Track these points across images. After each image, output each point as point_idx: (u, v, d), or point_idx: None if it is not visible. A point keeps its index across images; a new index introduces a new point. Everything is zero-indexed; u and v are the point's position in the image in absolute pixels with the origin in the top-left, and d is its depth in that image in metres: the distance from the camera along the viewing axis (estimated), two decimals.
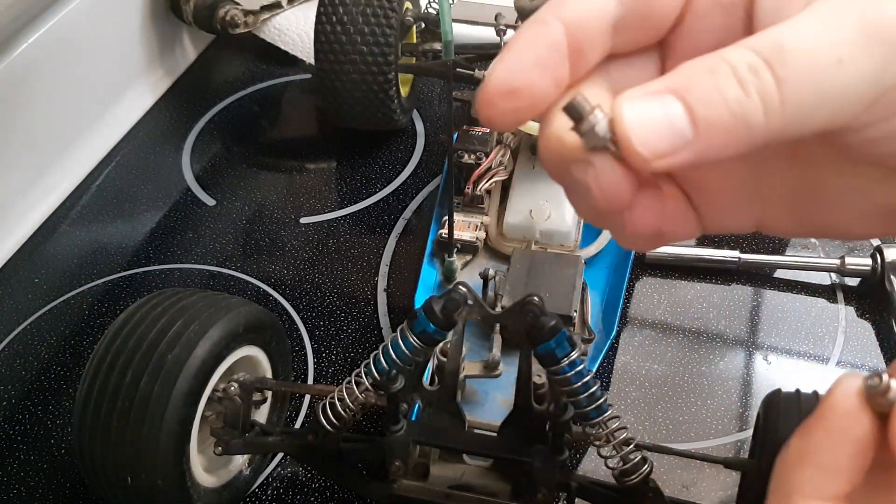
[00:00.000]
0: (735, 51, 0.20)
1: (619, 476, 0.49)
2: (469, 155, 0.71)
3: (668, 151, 0.20)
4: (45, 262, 0.77)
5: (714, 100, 0.20)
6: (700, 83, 0.20)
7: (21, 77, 0.76)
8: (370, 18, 0.78)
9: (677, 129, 0.20)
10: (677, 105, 0.20)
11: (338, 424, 0.50)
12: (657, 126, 0.20)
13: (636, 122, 0.20)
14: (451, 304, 0.48)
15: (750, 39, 0.20)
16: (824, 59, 0.20)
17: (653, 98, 0.20)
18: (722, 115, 0.20)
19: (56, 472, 0.61)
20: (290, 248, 0.78)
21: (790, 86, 0.20)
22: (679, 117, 0.20)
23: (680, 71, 0.21)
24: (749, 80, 0.20)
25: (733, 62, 0.20)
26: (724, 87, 0.20)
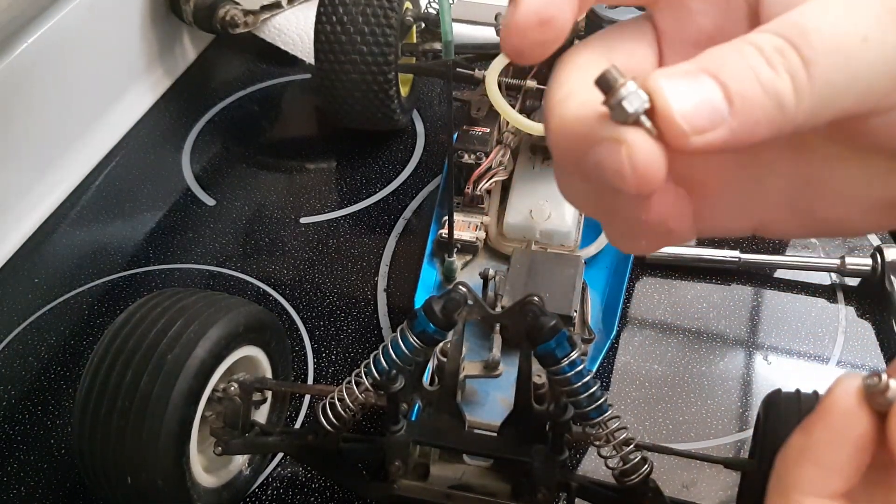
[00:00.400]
0: (758, 35, 0.20)
1: (619, 476, 0.49)
2: (469, 155, 0.71)
3: (707, 127, 0.20)
4: (45, 262, 0.77)
5: (747, 77, 0.20)
6: (732, 62, 0.20)
7: (21, 77, 0.76)
8: (370, 18, 0.78)
9: (714, 105, 0.20)
10: (711, 83, 0.20)
11: (338, 424, 0.50)
12: (695, 101, 0.20)
13: (675, 94, 0.20)
14: (451, 304, 0.48)
15: (770, 25, 0.20)
16: (849, 38, 0.20)
17: (687, 76, 0.20)
18: (756, 92, 0.20)
19: (56, 472, 0.61)
20: (290, 248, 0.78)
21: (818, 66, 0.20)
22: (715, 93, 0.20)
23: (708, 54, 0.20)
24: (777, 61, 0.20)
25: (759, 44, 0.20)
26: (756, 65, 0.20)
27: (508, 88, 0.75)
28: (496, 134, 0.74)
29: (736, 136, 0.20)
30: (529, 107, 0.75)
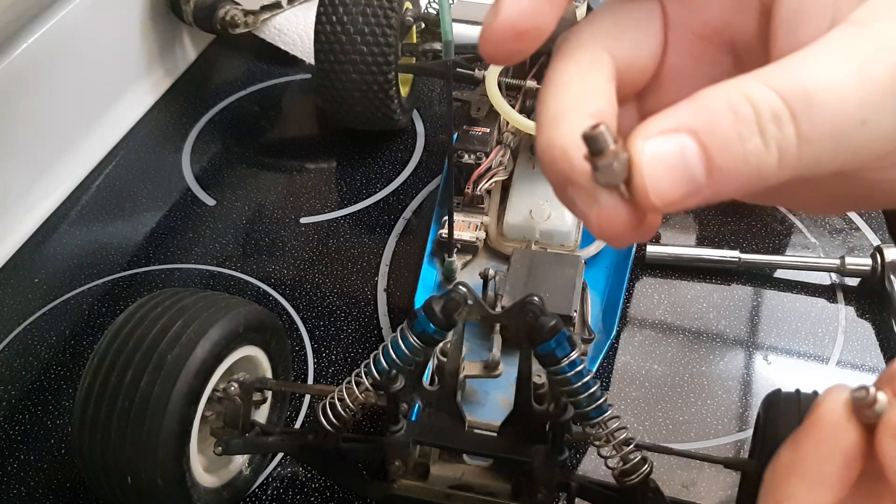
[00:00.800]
0: (761, 91, 0.19)
1: (619, 476, 0.49)
2: (469, 155, 0.71)
3: (679, 199, 0.20)
4: (45, 262, 0.77)
5: (734, 149, 0.19)
6: (722, 126, 0.19)
7: (21, 77, 0.76)
8: (370, 18, 0.78)
9: (692, 175, 0.20)
10: (695, 150, 0.19)
11: (338, 424, 0.50)
12: (673, 173, 0.20)
13: (654, 169, 0.20)
14: (451, 304, 0.48)
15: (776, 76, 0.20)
16: (849, 120, 0.19)
17: (671, 137, 0.20)
18: (738, 165, 0.19)
19: (56, 472, 0.61)
20: (290, 248, 0.78)
21: (810, 144, 0.19)
22: (695, 163, 0.19)
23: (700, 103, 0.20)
24: (771, 133, 0.19)
25: (758, 105, 0.19)
26: (746, 135, 0.19)
27: (508, 88, 0.75)
28: (496, 134, 0.74)
29: (706, 202, 0.20)
30: (529, 107, 0.75)
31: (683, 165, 0.19)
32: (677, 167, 0.19)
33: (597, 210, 0.21)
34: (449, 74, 0.58)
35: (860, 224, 0.78)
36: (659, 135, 0.20)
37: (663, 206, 0.20)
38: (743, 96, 0.19)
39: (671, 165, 0.19)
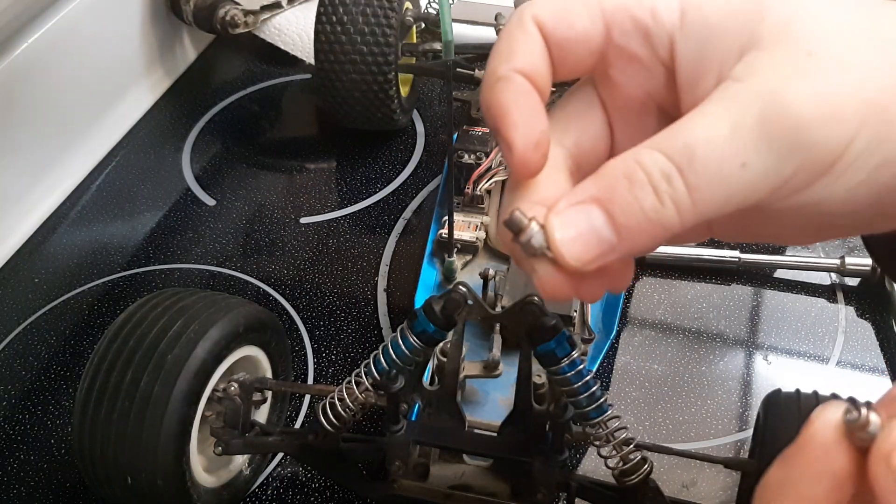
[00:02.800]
0: (649, 155, 0.22)
1: (619, 476, 0.49)
2: (469, 155, 0.71)
3: (595, 258, 0.23)
4: (45, 262, 0.77)
5: (633, 210, 0.22)
6: (620, 194, 0.23)
7: (21, 77, 0.76)
8: (370, 18, 0.78)
9: (602, 237, 0.23)
10: (600, 216, 0.23)
11: (338, 424, 0.50)
12: (585, 237, 0.23)
13: (566, 236, 0.23)
14: (451, 304, 0.48)
15: (663, 140, 0.23)
16: (730, 165, 0.22)
17: (579, 210, 0.23)
18: (640, 222, 0.23)
19: (56, 472, 0.61)
20: (290, 248, 0.78)
21: (700, 191, 0.22)
22: (603, 227, 0.23)
23: (602, 176, 0.23)
24: (663, 189, 0.22)
25: (648, 169, 0.22)
26: (641, 196, 0.22)
27: None
28: None
29: (623, 255, 0.23)
30: None
31: (592, 230, 0.23)
32: (586, 232, 0.23)
33: (535, 276, 0.24)
34: (449, 74, 0.58)
35: None
36: (567, 208, 0.23)
37: (581, 266, 0.23)
38: (635, 163, 0.23)
39: (581, 232, 0.23)
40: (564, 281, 0.24)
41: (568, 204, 0.23)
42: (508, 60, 0.25)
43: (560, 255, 0.23)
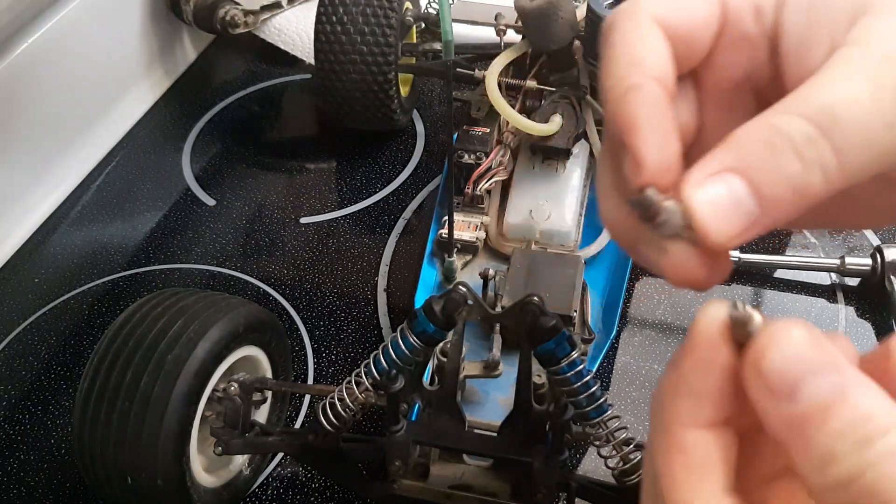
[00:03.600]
0: (789, 120, 0.21)
1: (619, 476, 0.49)
2: (469, 155, 0.71)
3: (740, 232, 0.21)
4: (45, 262, 0.77)
5: (777, 178, 0.21)
6: (762, 161, 0.21)
7: (21, 77, 0.76)
8: (370, 18, 0.78)
9: (746, 209, 0.21)
10: (742, 186, 0.21)
11: (338, 424, 0.50)
12: (728, 211, 0.21)
13: (711, 211, 0.21)
14: (451, 304, 0.48)
15: (796, 104, 0.21)
16: (875, 125, 0.21)
17: (718, 181, 0.21)
18: (785, 191, 0.21)
19: (56, 472, 0.61)
20: (290, 248, 0.78)
21: (846, 154, 0.21)
22: (745, 198, 0.21)
23: (736, 143, 0.21)
24: (808, 154, 0.21)
25: (790, 134, 0.21)
26: (786, 163, 0.21)
27: (508, 88, 0.75)
28: (496, 134, 0.74)
29: (763, 229, 0.22)
30: (529, 107, 0.75)
31: (736, 203, 0.21)
32: (731, 205, 0.21)
33: (667, 260, 0.23)
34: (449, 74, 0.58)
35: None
36: (706, 180, 0.21)
37: (727, 242, 0.21)
38: (773, 128, 0.21)
39: (725, 205, 0.21)
40: (701, 262, 0.23)
41: (706, 175, 0.21)
42: (637, 65, 0.23)
43: (706, 232, 0.21)
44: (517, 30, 0.79)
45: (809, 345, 0.20)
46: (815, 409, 0.19)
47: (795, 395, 0.20)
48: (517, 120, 0.69)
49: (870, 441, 0.19)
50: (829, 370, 0.20)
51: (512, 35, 0.80)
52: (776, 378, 0.20)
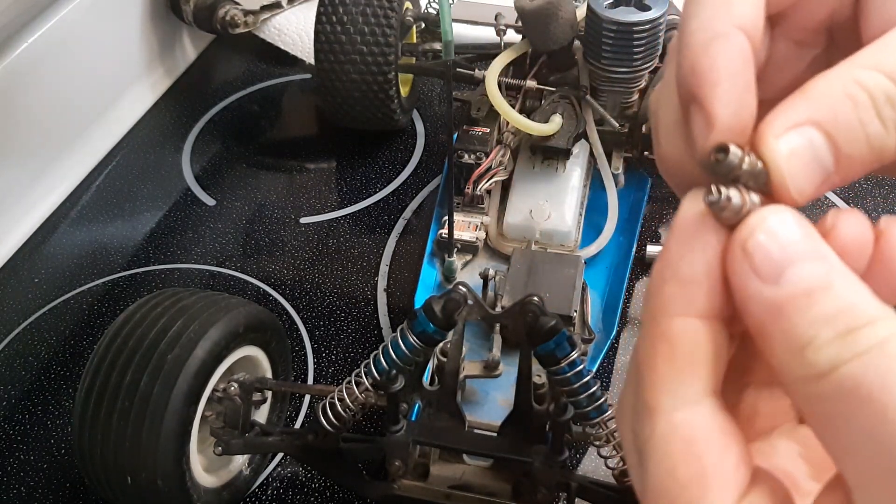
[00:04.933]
0: (871, 76, 0.20)
1: (619, 476, 0.49)
2: (469, 155, 0.71)
3: (816, 190, 0.20)
4: (45, 262, 0.77)
5: (858, 137, 0.20)
6: (844, 115, 0.20)
7: (21, 77, 0.76)
8: (370, 18, 0.78)
9: (823, 166, 0.20)
10: (823, 141, 0.20)
11: (338, 424, 0.50)
12: (808, 166, 0.20)
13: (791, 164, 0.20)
14: (451, 304, 0.48)
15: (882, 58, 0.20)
16: None
17: (799, 133, 0.20)
18: (863, 150, 0.20)
19: (56, 472, 0.61)
20: (290, 248, 0.78)
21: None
22: (824, 154, 0.20)
23: (818, 94, 0.20)
24: (887, 114, 0.20)
25: (872, 91, 0.20)
26: (867, 120, 0.20)
27: (508, 88, 0.75)
28: (496, 134, 0.74)
29: (835, 185, 0.20)
30: (529, 107, 0.75)
31: (815, 158, 0.20)
32: (810, 160, 0.20)
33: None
34: (449, 74, 0.58)
35: None
36: (788, 131, 0.20)
37: (802, 199, 0.20)
38: (856, 83, 0.20)
39: (805, 160, 0.20)
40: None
41: (786, 125, 0.20)
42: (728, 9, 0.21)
43: (785, 186, 0.20)
44: (517, 30, 0.79)
45: (799, 231, 0.20)
46: (799, 294, 0.19)
47: (780, 277, 0.19)
48: (517, 120, 0.69)
49: (853, 331, 0.18)
50: (818, 258, 0.19)
51: (512, 35, 0.80)
52: (762, 258, 0.19)
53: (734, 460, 0.20)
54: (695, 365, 0.20)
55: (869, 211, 0.79)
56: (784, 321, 0.19)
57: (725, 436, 0.20)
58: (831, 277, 0.19)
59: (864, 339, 0.18)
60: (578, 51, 0.75)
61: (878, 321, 0.18)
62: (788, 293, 0.19)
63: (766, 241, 0.19)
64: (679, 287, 0.21)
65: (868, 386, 0.18)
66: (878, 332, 0.18)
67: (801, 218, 0.20)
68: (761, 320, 0.19)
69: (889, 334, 0.18)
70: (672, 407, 0.20)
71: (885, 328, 0.18)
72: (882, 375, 0.17)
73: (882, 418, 0.17)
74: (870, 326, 0.18)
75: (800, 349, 0.19)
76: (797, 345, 0.19)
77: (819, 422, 0.19)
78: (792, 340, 0.19)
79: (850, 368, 0.18)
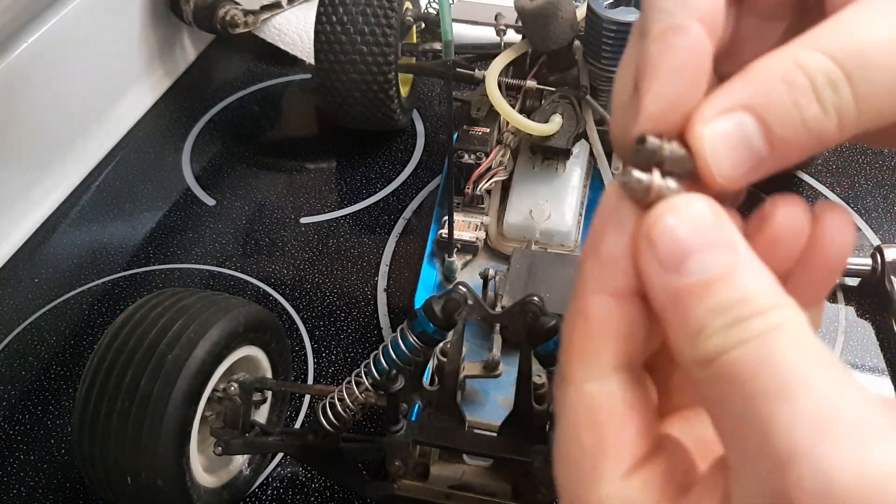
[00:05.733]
0: (812, 57, 0.20)
1: None
2: (469, 155, 0.71)
3: (744, 174, 0.20)
4: (45, 262, 0.77)
5: (793, 120, 0.20)
6: (778, 100, 0.20)
7: (21, 77, 0.76)
8: (370, 18, 0.78)
9: (755, 151, 0.20)
10: (754, 125, 0.20)
11: (338, 424, 0.50)
12: (736, 151, 0.20)
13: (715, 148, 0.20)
14: (451, 304, 0.48)
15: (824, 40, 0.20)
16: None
17: (728, 118, 0.20)
18: (798, 134, 0.20)
19: (56, 472, 0.61)
20: (290, 248, 0.78)
21: (868, 102, 0.20)
22: (756, 138, 0.20)
23: (754, 77, 0.20)
24: (828, 98, 0.19)
25: (812, 74, 0.19)
26: (803, 104, 0.19)
27: (508, 88, 0.75)
28: (496, 134, 0.74)
29: (769, 172, 0.20)
30: (529, 107, 0.75)
31: (745, 142, 0.20)
32: (739, 145, 0.20)
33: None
34: (449, 74, 0.58)
35: (860, 224, 0.78)
36: (717, 116, 0.20)
37: (731, 184, 0.20)
38: (796, 65, 0.20)
39: (730, 144, 0.20)
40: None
41: (717, 111, 0.20)
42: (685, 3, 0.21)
43: (708, 169, 0.20)
44: (517, 30, 0.79)
45: (707, 220, 0.20)
46: (697, 284, 0.19)
47: (682, 267, 0.20)
48: (517, 120, 0.69)
49: (740, 321, 0.19)
50: (722, 248, 0.20)
51: (512, 35, 0.80)
52: (664, 247, 0.20)
53: (634, 431, 0.21)
54: (606, 341, 0.21)
55: (869, 211, 0.79)
56: (681, 309, 0.19)
57: (628, 408, 0.21)
58: (733, 267, 0.19)
59: (749, 329, 0.19)
60: (578, 51, 0.75)
61: (770, 311, 0.19)
62: (686, 283, 0.19)
63: (668, 229, 0.20)
64: (597, 265, 0.21)
65: (742, 372, 0.18)
66: (767, 321, 0.19)
67: (712, 206, 0.20)
68: (662, 305, 0.20)
69: (776, 324, 0.19)
70: (582, 379, 0.21)
71: (774, 318, 0.19)
72: (756, 363, 0.18)
73: (751, 404, 0.18)
74: (759, 317, 0.19)
75: (693, 336, 0.19)
76: (691, 332, 0.19)
77: (706, 404, 0.20)
78: (687, 327, 0.19)
79: (730, 356, 0.19)
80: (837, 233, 0.22)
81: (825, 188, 0.81)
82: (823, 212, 0.22)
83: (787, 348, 0.18)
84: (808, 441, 0.17)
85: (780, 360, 0.18)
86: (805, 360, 0.18)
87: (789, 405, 0.18)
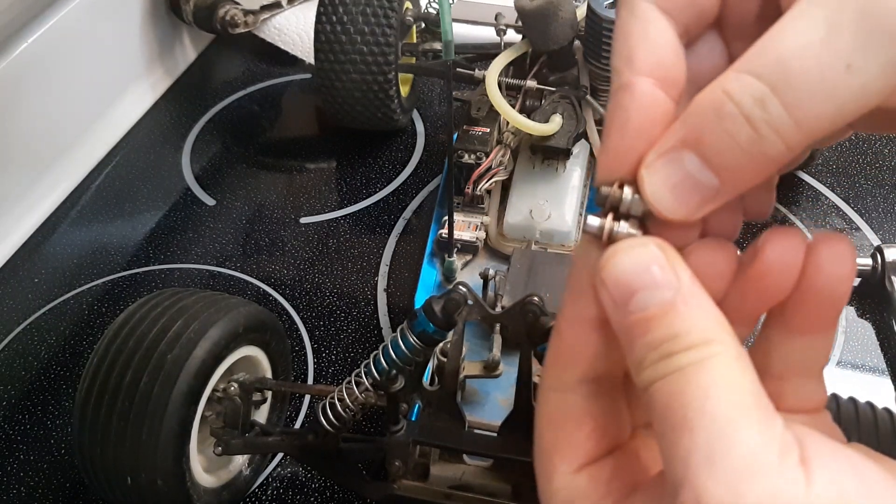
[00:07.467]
0: (737, 81, 0.20)
1: None
2: (469, 155, 0.71)
3: (697, 206, 0.22)
4: (45, 262, 0.77)
5: (729, 147, 0.20)
6: (710, 131, 0.20)
7: (21, 77, 0.76)
8: (370, 18, 0.78)
9: (702, 183, 0.21)
10: (694, 160, 0.21)
11: (338, 424, 0.50)
12: (676, 191, 0.21)
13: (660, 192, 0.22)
14: (451, 304, 0.48)
15: (750, 61, 0.20)
16: (832, 70, 0.19)
17: (670, 159, 0.21)
18: (739, 159, 0.20)
19: (56, 472, 0.61)
20: (290, 248, 0.78)
21: (802, 109, 0.19)
22: (700, 172, 0.21)
23: (688, 116, 0.21)
24: (758, 117, 0.20)
25: (738, 98, 0.20)
26: (734, 130, 0.20)
27: (508, 88, 0.75)
28: (496, 134, 0.74)
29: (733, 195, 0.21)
30: (529, 107, 0.75)
31: (688, 178, 0.21)
32: (681, 181, 0.21)
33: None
34: (449, 74, 0.58)
35: (860, 224, 0.78)
36: (658, 159, 0.22)
37: (683, 218, 0.22)
38: (723, 94, 0.20)
39: (672, 184, 0.21)
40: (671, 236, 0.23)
41: (657, 154, 0.21)
42: (629, 62, 0.22)
43: (659, 213, 0.22)
44: (517, 30, 0.79)
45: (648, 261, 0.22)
46: (640, 320, 0.21)
47: (628, 304, 0.22)
48: (517, 120, 0.69)
49: (669, 356, 0.21)
50: (661, 287, 0.21)
51: (512, 35, 0.80)
52: (612, 287, 0.22)
53: (586, 434, 0.24)
54: (573, 358, 0.24)
55: (869, 211, 0.79)
56: (628, 341, 0.22)
57: (584, 414, 0.24)
58: (669, 305, 0.21)
59: (674, 364, 0.21)
60: (578, 51, 0.75)
61: (698, 347, 0.20)
62: (631, 319, 0.22)
63: (614, 270, 0.22)
64: (571, 295, 0.24)
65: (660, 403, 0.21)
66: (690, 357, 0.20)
67: (659, 247, 0.22)
68: (618, 335, 0.22)
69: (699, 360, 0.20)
70: (551, 388, 0.25)
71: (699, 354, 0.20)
72: (669, 395, 0.20)
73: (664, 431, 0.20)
74: (686, 352, 0.21)
75: (636, 366, 0.22)
76: (634, 362, 0.22)
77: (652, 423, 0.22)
78: (632, 357, 0.22)
79: (655, 387, 0.21)
80: (833, 265, 0.22)
81: (825, 188, 0.81)
82: (819, 243, 0.22)
83: (701, 383, 0.20)
84: (696, 472, 0.19)
85: (691, 394, 0.20)
86: (716, 395, 0.20)
87: (688, 437, 0.19)
